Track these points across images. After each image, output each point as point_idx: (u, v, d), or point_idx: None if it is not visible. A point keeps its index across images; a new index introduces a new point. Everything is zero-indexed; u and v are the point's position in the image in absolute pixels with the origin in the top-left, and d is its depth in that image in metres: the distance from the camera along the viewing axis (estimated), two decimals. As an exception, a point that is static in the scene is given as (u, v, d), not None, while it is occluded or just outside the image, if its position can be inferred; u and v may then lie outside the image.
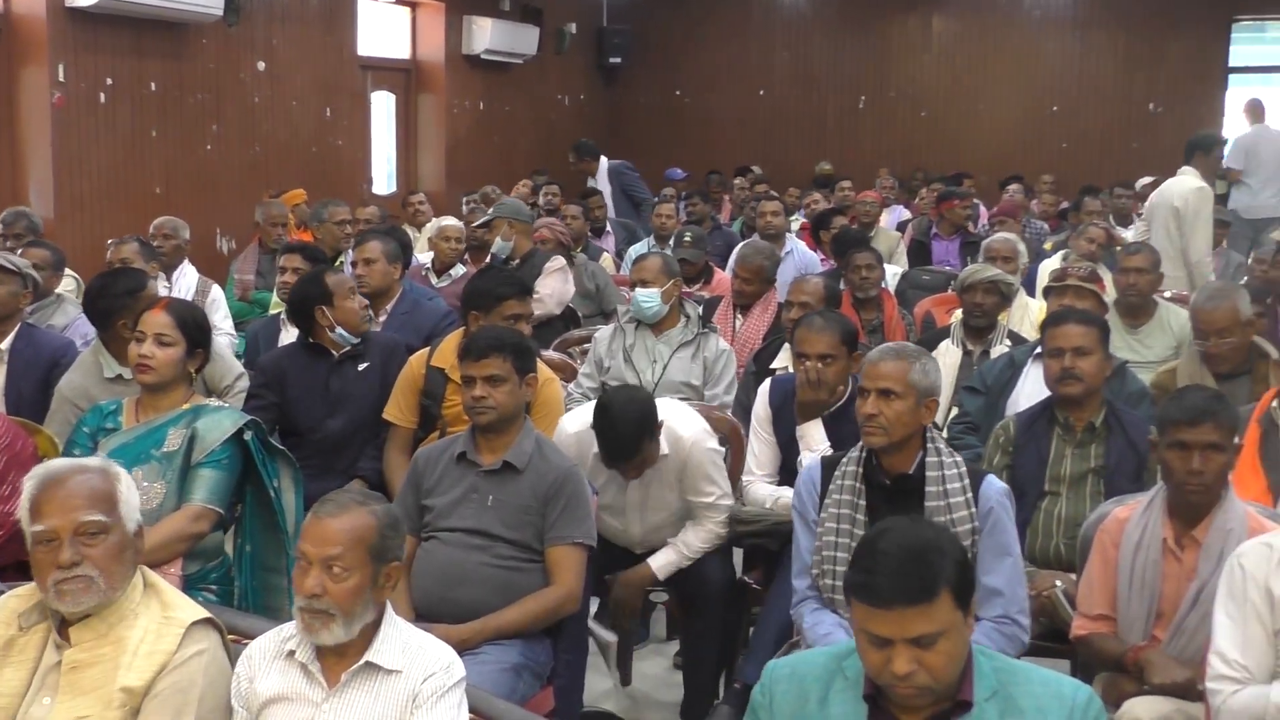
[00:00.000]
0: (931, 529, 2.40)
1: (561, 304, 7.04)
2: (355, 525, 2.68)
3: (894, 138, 15.84)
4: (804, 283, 5.86)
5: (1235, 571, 2.93)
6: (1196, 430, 3.35)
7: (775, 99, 16.40)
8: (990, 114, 15.84)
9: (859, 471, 3.60)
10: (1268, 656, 2.85)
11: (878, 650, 2.24)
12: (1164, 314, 6.20)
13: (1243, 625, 2.87)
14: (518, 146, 14.25)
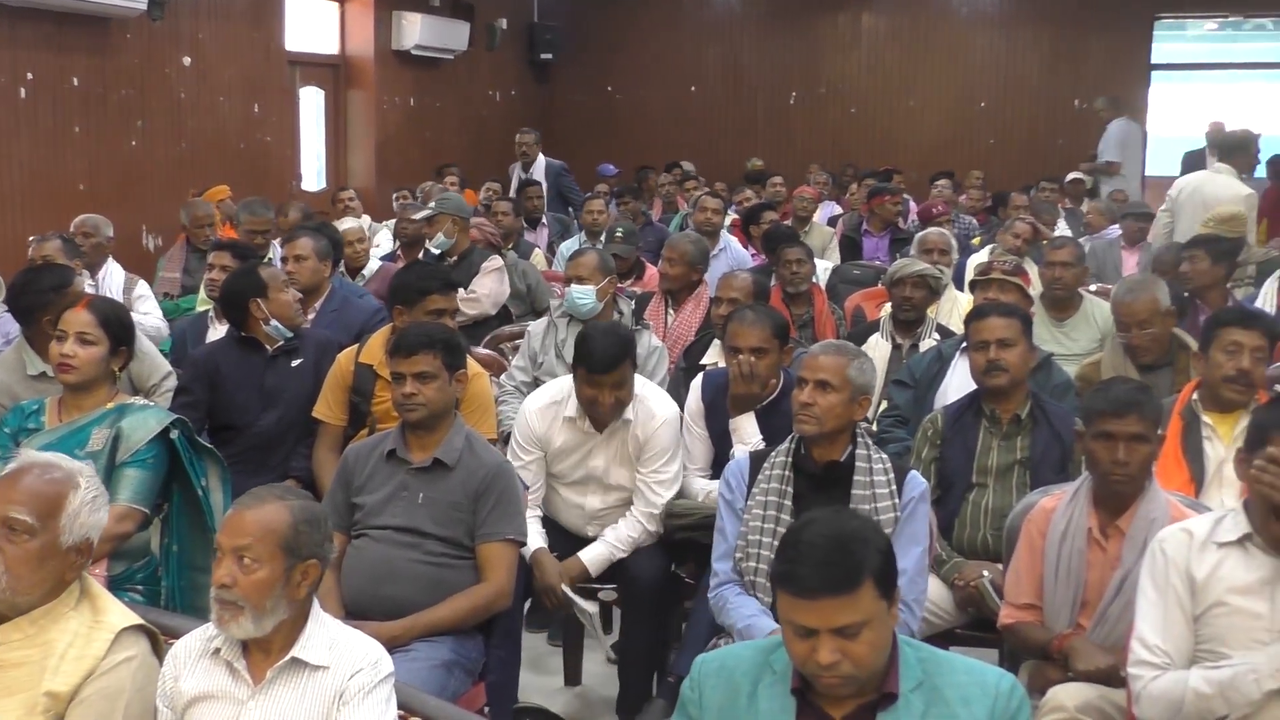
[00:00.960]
0: (856, 519, 2.42)
1: (497, 305, 7.04)
2: (268, 518, 2.65)
3: (824, 134, 15.92)
4: (733, 278, 5.89)
5: (1157, 557, 2.97)
6: (1121, 421, 3.40)
7: (706, 95, 16.44)
8: (919, 110, 15.97)
9: (788, 461, 3.69)
10: (1187, 641, 2.89)
11: (803, 640, 2.25)
12: (1089, 307, 6.29)
13: (1163, 611, 2.91)
14: (449, 143, 14.17)
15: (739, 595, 3.62)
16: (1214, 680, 2.79)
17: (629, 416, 4.34)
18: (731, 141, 15.87)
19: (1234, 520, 2.94)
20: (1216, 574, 2.89)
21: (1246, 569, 2.87)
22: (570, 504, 4.48)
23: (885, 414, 5.10)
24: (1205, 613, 2.89)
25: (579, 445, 4.40)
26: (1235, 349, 4.16)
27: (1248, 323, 4.24)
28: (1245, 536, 2.90)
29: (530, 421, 4.43)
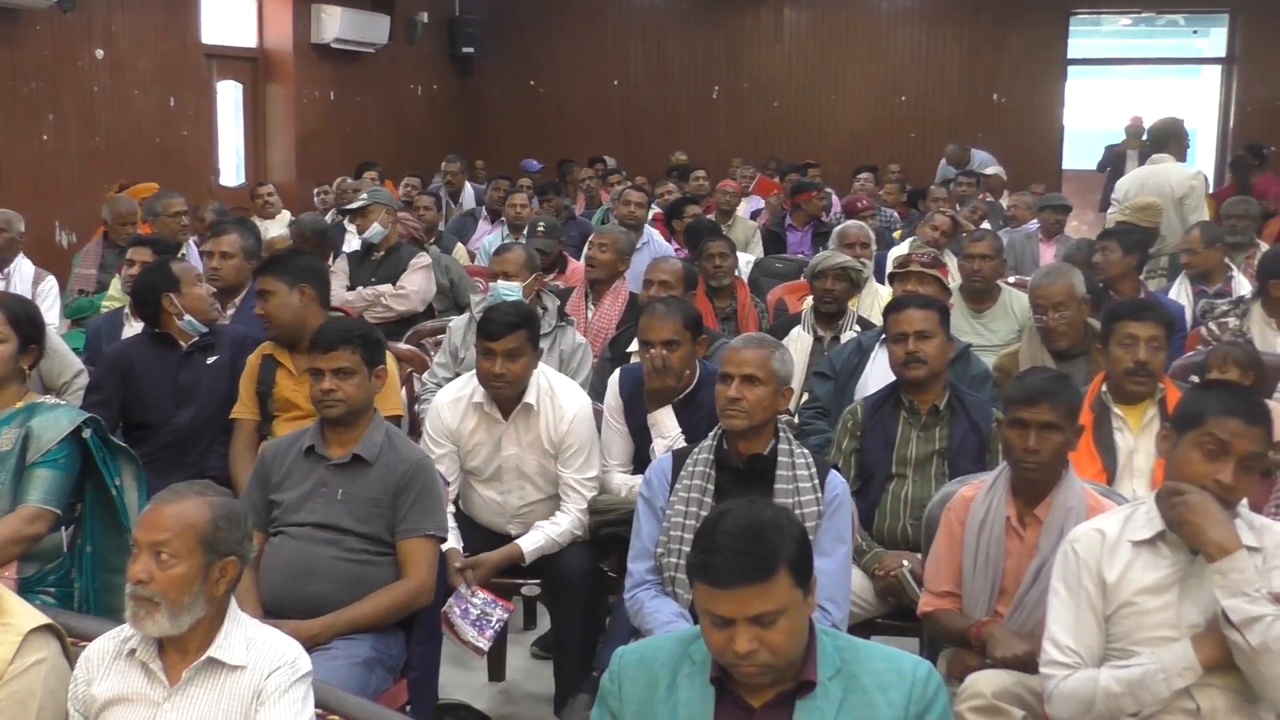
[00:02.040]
0: (771, 509, 2.42)
1: (425, 302, 7.02)
2: (187, 513, 2.62)
3: (747, 128, 16.00)
4: (663, 262, 5.91)
5: (1069, 558, 2.99)
6: (1033, 410, 3.44)
7: (629, 89, 16.46)
8: (841, 104, 16.10)
9: (710, 459, 3.69)
10: (1098, 641, 2.93)
11: (720, 630, 2.26)
12: (1007, 298, 6.37)
13: (1075, 611, 2.94)
14: (370, 137, 14.07)
15: (655, 599, 3.61)
16: (1124, 679, 2.82)
17: (530, 401, 4.32)
18: (655, 136, 15.91)
19: (1147, 516, 2.96)
20: (1127, 575, 2.91)
21: (1156, 568, 2.90)
22: (489, 501, 4.45)
23: (806, 406, 5.13)
24: (1115, 612, 2.91)
25: (489, 434, 4.38)
26: (1131, 342, 4.24)
27: (1140, 314, 4.31)
28: (1159, 535, 2.92)
29: (441, 414, 4.41)
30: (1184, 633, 2.85)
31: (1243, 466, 2.85)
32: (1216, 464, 2.85)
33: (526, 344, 4.27)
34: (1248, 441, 2.84)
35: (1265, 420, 2.87)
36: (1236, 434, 2.83)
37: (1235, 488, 2.86)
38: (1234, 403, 2.89)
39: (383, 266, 7.10)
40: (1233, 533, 2.79)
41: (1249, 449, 2.84)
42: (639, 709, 2.38)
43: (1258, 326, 5.70)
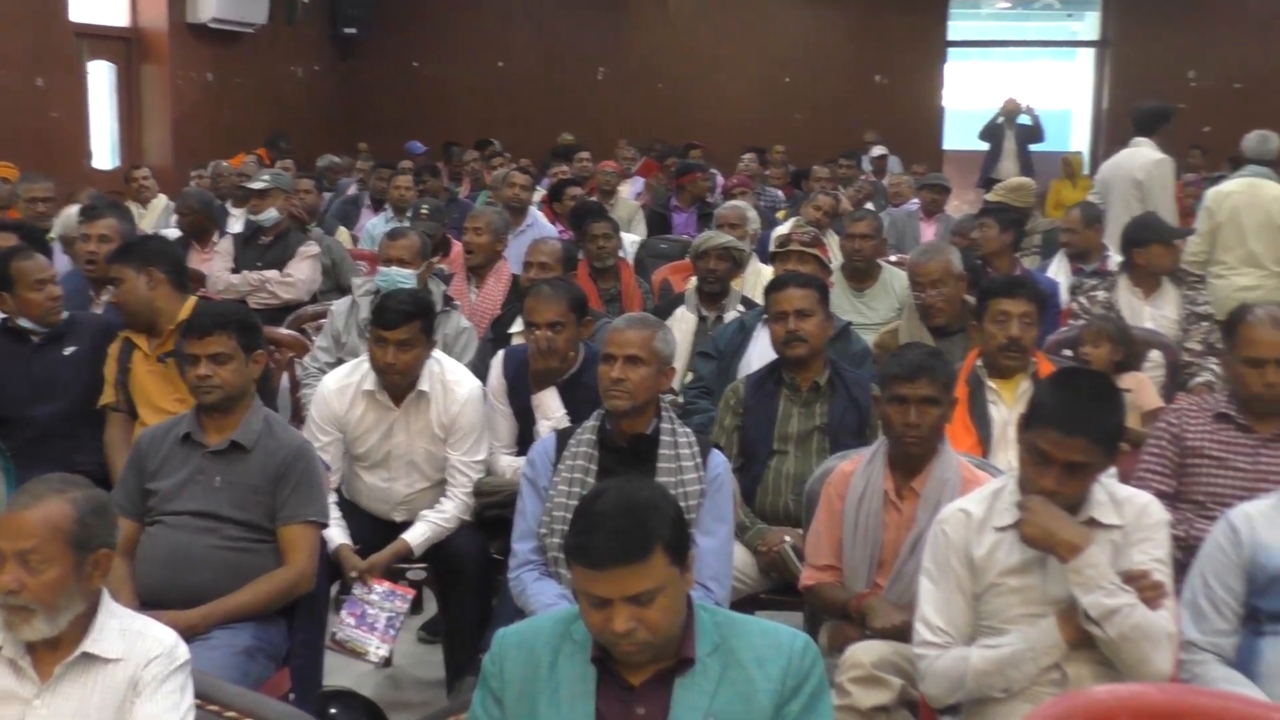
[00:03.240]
0: (646, 487, 2.42)
1: (311, 292, 6.93)
2: (50, 515, 2.55)
3: (633, 109, 16.01)
4: (541, 244, 5.90)
5: (938, 539, 3.04)
6: (913, 385, 3.50)
7: (514, 71, 16.37)
8: (727, 85, 16.17)
9: (594, 439, 3.71)
10: (968, 620, 2.98)
11: (598, 610, 2.26)
12: (888, 277, 6.48)
13: (945, 592, 2.99)
14: (249, 119, 13.82)
15: (538, 580, 3.62)
16: (993, 659, 2.88)
17: (424, 388, 4.30)
18: (541, 117, 15.83)
19: (1010, 500, 2.99)
20: (993, 555, 2.96)
21: (1020, 549, 2.93)
22: (375, 488, 4.41)
23: (691, 385, 5.16)
24: (984, 591, 2.97)
25: (378, 422, 4.34)
26: (1004, 318, 4.32)
27: (1013, 291, 4.39)
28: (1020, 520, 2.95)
29: (328, 401, 4.35)
30: (1050, 610, 2.90)
31: (1067, 473, 2.87)
32: (1040, 469, 2.90)
33: (420, 334, 4.24)
34: (1067, 452, 2.85)
35: (1089, 430, 2.85)
36: (1055, 444, 2.86)
37: (1061, 493, 2.88)
38: (1055, 412, 2.89)
39: (270, 251, 6.99)
40: (1079, 531, 2.85)
41: (1068, 459, 2.85)
42: (521, 690, 2.37)
43: (1125, 297, 5.85)
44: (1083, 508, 2.93)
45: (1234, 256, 6.98)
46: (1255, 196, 7.06)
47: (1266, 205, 7.02)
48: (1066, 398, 2.92)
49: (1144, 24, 15.94)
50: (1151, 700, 2.37)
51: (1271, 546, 3.04)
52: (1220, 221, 7.00)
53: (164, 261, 4.69)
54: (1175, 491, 3.90)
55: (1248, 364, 3.83)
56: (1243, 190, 7.13)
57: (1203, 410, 3.95)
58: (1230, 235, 6.98)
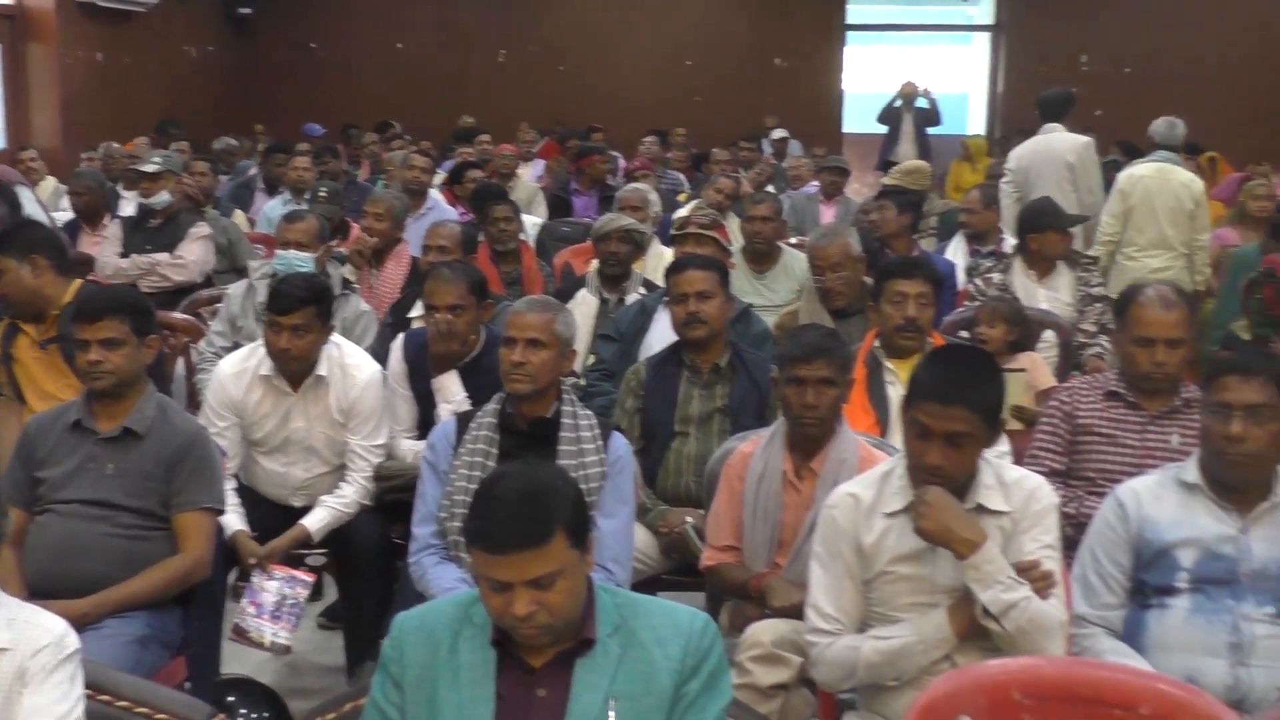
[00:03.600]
0: (546, 470, 2.41)
1: (204, 273, 6.83)
2: None
3: (535, 92, 15.94)
4: (440, 227, 5.88)
5: (827, 524, 3.02)
6: (810, 366, 3.53)
7: (414, 52, 16.22)
8: (628, 68, 16.16)
9: (494, 422, 3.70)
10: (858, 606, 2.97)
11: (498, 594, 2.25)
12: (788, 259, 6.53)
13: (835, 578, 2.97)
14: (141, 100, 13.53)
15: (438, 565, 3.62)
16: (883, 650, 2.88)
17: (322, 372, 4.25)
18: (441, 100, 15.69)
19: (900, 485, 2.97)
20: (883, 543, 2.94)
21: (909, 536, 2.92)
22: (273, 474, 4.36)
23: (593, 368, 5.16)
24: (874, 578, 2.95)
25: (276, 407, 4.29)
26: (900, 299, 4.38)
27: (909, 272, 4.44)
28: (910, 506, 2.93)
29: (225, 386, 4.29)
30: (941, 599, 2.91)
31: (950, 445, 2.84)
32: (923, 445, 2.87)
33: (316, 320, 4.19)
34: (947, 423, 2.82)
35: (966, 398, 2.83)
36: (934, 416, 2.83)
37: (945, 467, 2.86)
38: (933, 385, 2.87)
39: (160, 234, 6.87)
40: (976, 527, 2.85)
41: (949, 429, 2.83)
42: (420, 674, 2.36)
43: (1020, 279, 5.95)
44: (970, 493, 2.92)
45: (1145, 239, 7.22)
46: (1166, 181, 7.30)
47: (1176, 190, 7.26)
48: (942, 370, 2.92)
49: (1037, 9, 16.20)
50: (1041, 673, 2.43)
51: (1157, 521, 3.12)
52: (1133, 205, 7.23)
53: (46, 248, 4.58)
54: (1067, 469, 3.98)
55: (1138, 343, 3.91)
56: (1154, 175, 7.35)
57: (1094, 388, 4.03)
58: (1143, 218, 7.21)
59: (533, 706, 2.32)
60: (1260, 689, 2.91)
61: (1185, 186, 7.30)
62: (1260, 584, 3.02)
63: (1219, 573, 3.04)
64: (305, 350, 4.19)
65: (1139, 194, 7.27)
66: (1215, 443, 3.07)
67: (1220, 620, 3.00)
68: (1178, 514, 3.12)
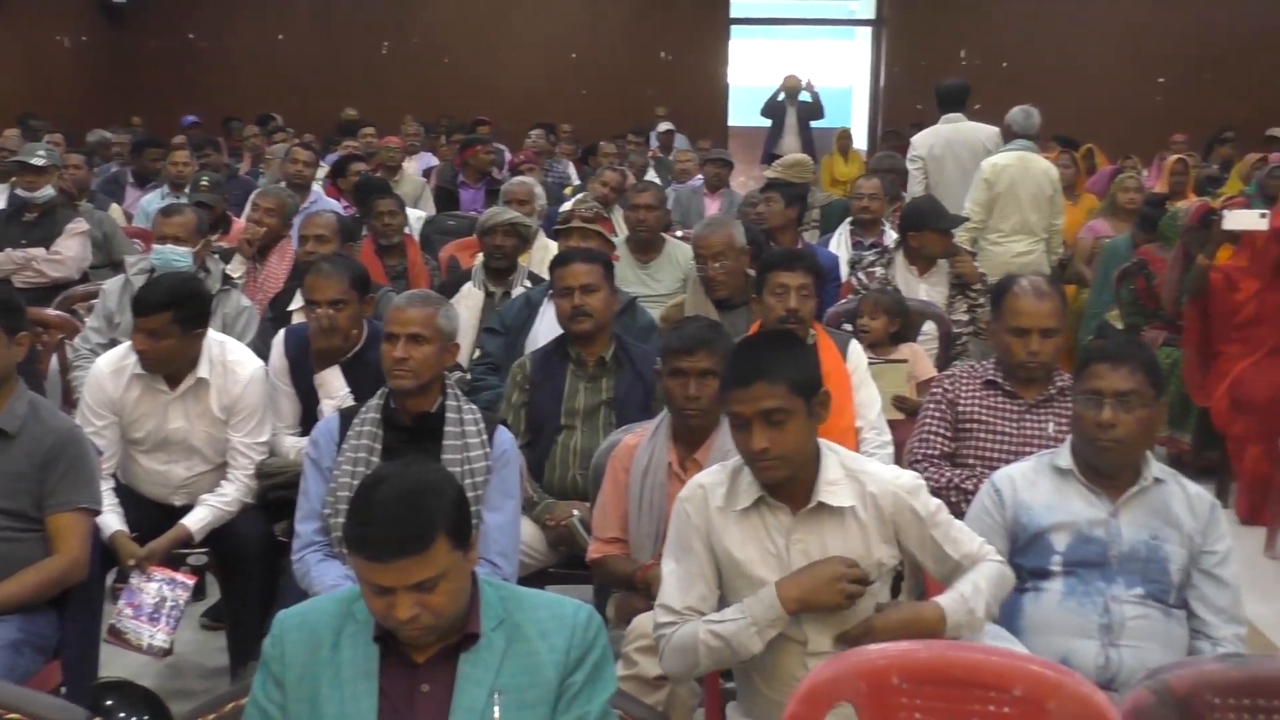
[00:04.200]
0: (426, 471, 2.38)
1: (81, 269, 6.69)
2: None
3: (419, 84, 15.83)
4: (316, 216, 5.83)
5: (680, 517, 2.95)
6: (692, 358, 3.56)
7: (295, 43, 16.00)
8: (513, 61, 16.11)
9: (378, 418, 3.67)
10: (709, 605, 2.91)
11: (380, 598, 2.25)
12: (672, 250, 6.57)
13: (686, 572, 2.91)
14: (9, 89, 13.16)
15: (321, 562, 3.58)
16: (719, 634, 2.80)
17: (203, 374, 4.18)
18: (323, 92, 15.51)
19: (748, 482, 2.88)
20: (735, 539, 2.87)
21: (760, 531, 2.87)
22: (152, 473, 4.27)
23: (478, 362, 5.15)
24: (727, 575, 2.91)
25: (155, 406, 4.21)
26: (782, 290, 4.41)
27: (791, 264, 4.47)
28: (758, 500, 2.87)
29: (103, 384, 4.19)
30: None
31: (768, 425, 2.76)
32: (744, 435, 2.80)
33: (174, 325, 4.06)
34: (754, 403, 2.76)
35: (764, 373, 2.77)
36: (740, 401, 2.78)
37: (770, 448, 2.76)
38: (732, 373, 2.82)
39: (35, 228, 6.71)
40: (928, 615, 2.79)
41: (759, 409, 2.75)
42: (302, 672, 2.34)
43: (901, 274, 6.05)
44: (812, 492, 2.84)
45: (1010, 224, 7.48)
46: (1027, 169, 7.56)
47: (1037, 177, 7.54)
48: (738, 356, 2.86)
49: (917, 4, 16.48)
50: (918, 657, 2.47)
51: (1032, 506, 3.20)
52: (999, 192, 7.44)
53: None
54: (955, 451, 4.05)
55: (1012, 333, 3.99)
56: (1016, 163, 7.58)
57: (973, 377, 4.11)
58: (1007, 205, 7.45)
59: (417, 702, 2.31)
60: (1129, 668, 2.99)
61: (1045, 173, 7.61)
62: (1129, 566, 3.10)
63: (1090, 556, 3.12)
64: (162, 354, 4.09)
65: (1004, 182, 7.49)
66: (1087, 429, 3.15)
67: (1092, 602, 3.08)
68: (1052, 499, 3.20)
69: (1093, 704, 2.33)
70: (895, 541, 2.88)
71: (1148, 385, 3.13)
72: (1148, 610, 3.08)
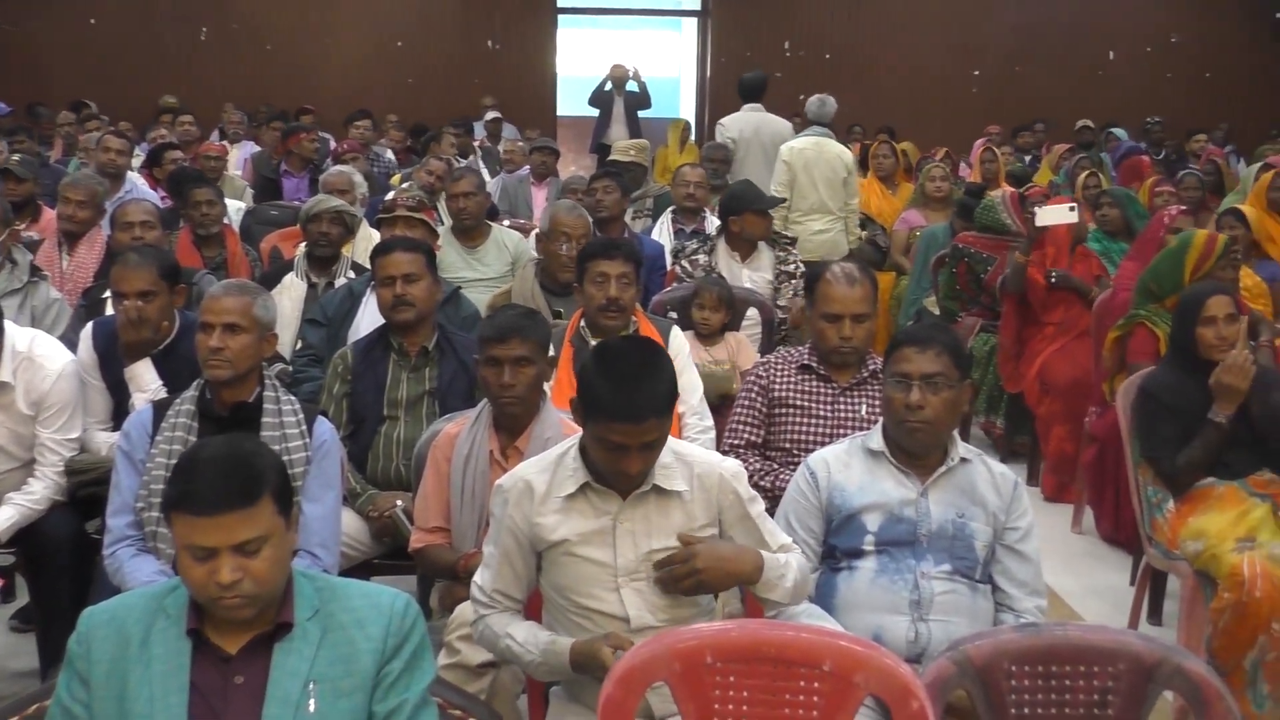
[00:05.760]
0: (250, 441, 2.41)
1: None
2: None
3: (240, 72, 15.48)
4: (131, 204, 5.72)
5: (499, 506, 2.95)
6: (506, 346, 3.58)
7: (108, 27, 15.50)
8: (338, 49, 15.88)
9: (193, 409, 3.62)
10: (522, 592, 2.96)
11: (202, 564, 2.22)
12: (499, 235, 6.59)
13: (500, 558, 2.93)
14: None
15: (134, 557, 3.50)
16: (514, 651, 2.89)
17: (7, 379, 4.04)
18: (140, 79, 15.05)
19: (574, 467, 2.89)
20: (562, 526, 2.88)
21: (588, 516, 2.89)
22: None
23: (300, 353, 5.08)
24: (554, 561, 2.90)
25: None
26: (603, 279, 4.45)
27: (610, 252, 4.51)
28: (584, 485, 2.88)
29: None
30: (624, 580, 2.88)
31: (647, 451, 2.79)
32: (618, 455, 2.78)
33: None
34: (641, 436, 2.74)
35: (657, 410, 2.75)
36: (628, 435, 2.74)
37: (644, 469, 2.81)
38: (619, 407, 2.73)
39: None
40: (746, 555, 2.87)
41: (644, 441, 2.76)
42: (110, 669, 2.29)
43: (724, 260, 6.16)
44: (649, 476, 2.87)
45: (808, 204, 8.05)
46: (822, 153, 8.21)
47: (831, 160, 8.18)
48: (624, 390, 2.76)
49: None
50: (730, 637, 2.52)
51: (845, 488, 3.28)
52: (796, 174, 8.10)
53: None
54: (765, 440, 4.14)
55: (826, 319, 4.10)
56: (812, 147, 8.24)
57: (788, 362, 4.20)
58: (805, 186, 8.10)
59: (230, 694, 2.29)
60: (937, 641, 3.09)
61: (838, 157, 8.24)
62: (937, 544, 3.20)
63: (901, 534, 3.22)
64: None
65: (800, 165, 8.11)
66: (896, 411, 3.25)
67: (902, 579, 3.18)
68: (864, 480, 3.28)
69: (897, 676, 2.41)
70: (718, 525, 2.94)
71: (953, 367, 3.24)
72: (955, 585, 3.18)
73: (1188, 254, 5.29)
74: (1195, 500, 4.34)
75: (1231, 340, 4.36)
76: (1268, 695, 3.95)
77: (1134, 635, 2.63)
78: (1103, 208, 7.30)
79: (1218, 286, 4.67)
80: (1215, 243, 5.30)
